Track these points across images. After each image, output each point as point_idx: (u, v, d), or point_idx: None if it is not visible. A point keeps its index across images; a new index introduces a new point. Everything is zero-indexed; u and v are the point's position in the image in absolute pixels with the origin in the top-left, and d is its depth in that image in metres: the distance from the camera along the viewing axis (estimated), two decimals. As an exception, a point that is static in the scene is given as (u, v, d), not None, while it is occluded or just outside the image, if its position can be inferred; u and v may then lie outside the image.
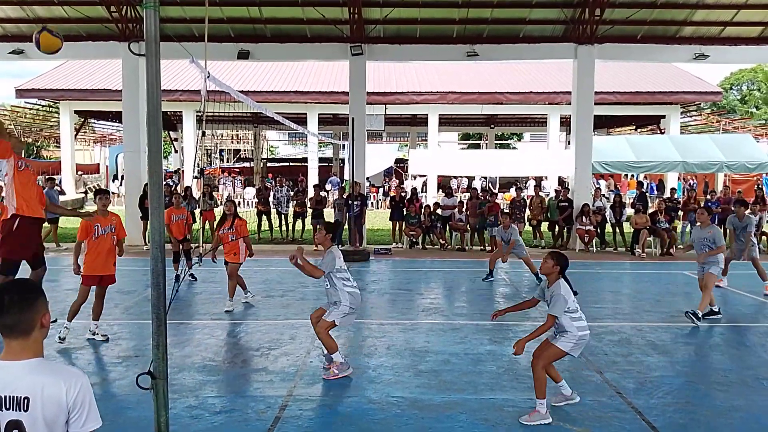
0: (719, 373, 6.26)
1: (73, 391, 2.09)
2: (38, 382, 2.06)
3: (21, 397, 2.04)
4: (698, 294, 10.21)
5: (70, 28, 15.90)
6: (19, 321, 2.10)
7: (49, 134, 38.45)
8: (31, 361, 2.10)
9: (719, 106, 37.50)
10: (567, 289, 5.02)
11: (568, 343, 4.97)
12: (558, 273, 5.07)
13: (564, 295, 4.96)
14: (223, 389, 5.67)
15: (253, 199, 24.68)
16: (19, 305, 2.11)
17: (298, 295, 9.81)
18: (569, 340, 4.96)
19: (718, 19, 15.73)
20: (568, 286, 5.05)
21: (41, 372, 2.08)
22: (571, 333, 4.95)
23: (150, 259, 3.49)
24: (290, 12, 15.46)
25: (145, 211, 14.64)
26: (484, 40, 15.84)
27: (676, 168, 17.79)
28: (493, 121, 37.23)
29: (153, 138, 3.52)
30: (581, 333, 4.98)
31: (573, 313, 4.98)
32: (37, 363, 2.11)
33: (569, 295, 5.00)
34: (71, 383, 2.09)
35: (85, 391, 2.13)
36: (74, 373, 2.15)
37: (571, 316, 4.97)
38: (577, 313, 5.01)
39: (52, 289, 9.73)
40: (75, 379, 2.11)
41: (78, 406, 2.10)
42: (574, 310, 4.99)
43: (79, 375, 2.15)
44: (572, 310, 4.98)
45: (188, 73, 26.05)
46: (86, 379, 2.15)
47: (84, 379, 2.14)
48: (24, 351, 2.10)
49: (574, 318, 4.98)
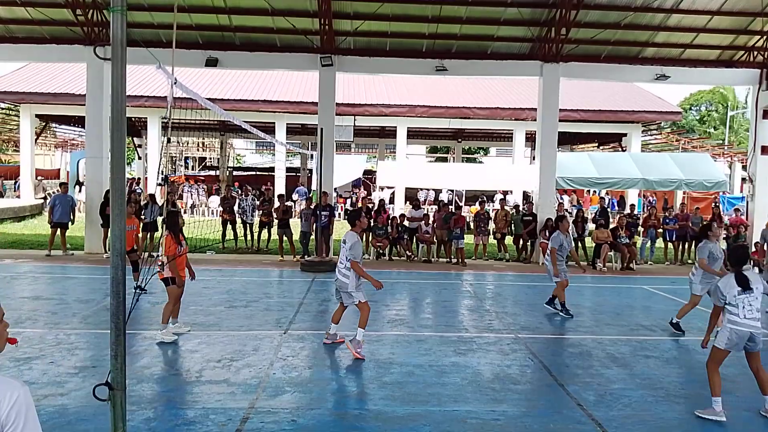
0: (677, 385, 6.41)
1: (8, 402, 1.95)
2: None
3: None
4: (655, 307, 10.51)
5: (33, 29, 15.60)
6: None
7: (8, 137, 37.39)
8: None
9: (679, 126, 38.60)
10: (729, 282, 5.50)
11: (721, 341, 5.51)
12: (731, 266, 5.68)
13: (719, 285, 5.59)
14: (183, 401, 5.56)
15: (217, 207, 24.39)
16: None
17: (261, 305, 9.71)
18: (721, 337, 5.50)
19: (678, 41, 16.28)
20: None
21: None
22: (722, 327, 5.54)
23: (110, 268, 3.42)
24: (260, 21, 15.42)
25: (106, 218, 14.33)
26: (453, 56, 16.06)
27: (637, 185, 18.23)
28: (461, 135, 37.63)
29: (117, 144, 3.46)
30: (731, 326, 5.48)
31: (732, 308, 5.49)
32: None
33: (730, 289, 5.49)
34: (6, 394, 1.96)
35: (21, 403, 1.99)
36: (11, 384, 2.02)
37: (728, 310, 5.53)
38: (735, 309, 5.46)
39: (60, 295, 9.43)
40: (11, 391, 1.98)
41: (12, 419, 1.97)
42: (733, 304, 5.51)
43: (16, 386, 2.01)
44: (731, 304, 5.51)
45: (154, 79, 25.69)
46: (25, 389, 2.02)
47: (21, 390, 2.01)
48: None
49: (731, 312, 5.48)
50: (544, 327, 8.91)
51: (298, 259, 14.57)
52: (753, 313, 5.39)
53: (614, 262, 15.45)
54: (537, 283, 13.07)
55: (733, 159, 33.22)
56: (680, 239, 16.88)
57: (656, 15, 15.45)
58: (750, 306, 5.39)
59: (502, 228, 16.60)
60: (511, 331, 8.56)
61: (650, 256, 16.78)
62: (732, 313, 5.43)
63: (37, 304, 9.34)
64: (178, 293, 7.72)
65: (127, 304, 3.49)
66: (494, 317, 9.42)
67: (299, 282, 12.12)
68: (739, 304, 5.39)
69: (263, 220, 16.31)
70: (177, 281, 7.59)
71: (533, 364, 6.98)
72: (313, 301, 10.15)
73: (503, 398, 5.83)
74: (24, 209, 24.25)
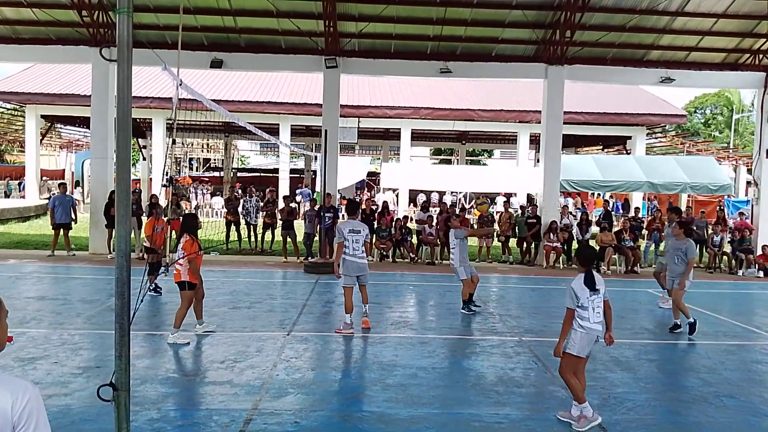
0: (681, 390, 6.38)
1: (20, 403, 1.98)
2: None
3: None
4: (661, 311, 10.48)
5: (39, 31, 15.66)
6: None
7: (13, 138, 37.54)
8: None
9: (684, 129, 38.45)
10: (580, 284, 5.19)
11: (574, 346, 5.15)
12: (580, 265, 5.35)
13: (574, 287, 5.20)
14: (187, 402, 5.57)
15: (221, 208, 24.44)
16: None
17: (265, 306, 9.71)
18: (573, 341, 5.16)
19: (684, 44, 16.26)
20: (590, 280, 5.21)
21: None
22: (574, 330, 5.16)
23: (115, 268, 3.43)
24: (265, 23, 15.46)
25: (111, 219, 14.37)
26: (458, 58, 16.07)
27: (641, 188, 18.19)
28: (465, 138, 37.61)
29: (122, 145, 3.47)
30: (581, 331, 5.16)
31: (582, 310, 5.16)
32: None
33: (582, 291, 5.17)
34: (18, 395, 1.98)
35: (33, 403, 2.01)
36: (22, 384, 2.04)
37: (579, 313, 5.16)
38: (585, 311, 5.16)
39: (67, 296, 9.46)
40: (23, 391, 2.00)
41: (25, 419, 1.99)
42: (584, 306, 5.16)
43: (28, 387, 2.03)
44: (583, 306, 5.15)
45: (159, 80, 25.76)
46: (35, 391, 2.04)
47: (33, 391, 2.03)
48: None
49: (581, 316, 5.16)
50: (548, 330, 8.88)
51: (302, 261, 14.57)
52: (600, 316, 5.22)
53: (618, 265, 15.41)
54: (541, 285, 13.06)
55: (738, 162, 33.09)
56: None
57: (661, 18, 15.44)
58: (598, 308, 5.19)
59: (506, 230, 16.58)
60: (514, 333, 8.54)
61: (655, 259, 16.73)
62: (583, 317, 5.16)
63: (42, 304, 9.37)
64: (191, 297, 7.64)
65: (132, 304, 3.50)
66: (498, 320, 9.41)
67: (303, 283, 12.13)
68: (590, 306, 5.15)
69: (267, 221, 16.32)
70: (191, 285, 7.58)
71: (537, 367, 6.96)
72: (316, 303, 10.15)
73: (507, 401, 5.82)
74: (29, 209, 24.33)
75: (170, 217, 14.30)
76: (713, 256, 16.25)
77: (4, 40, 15.76)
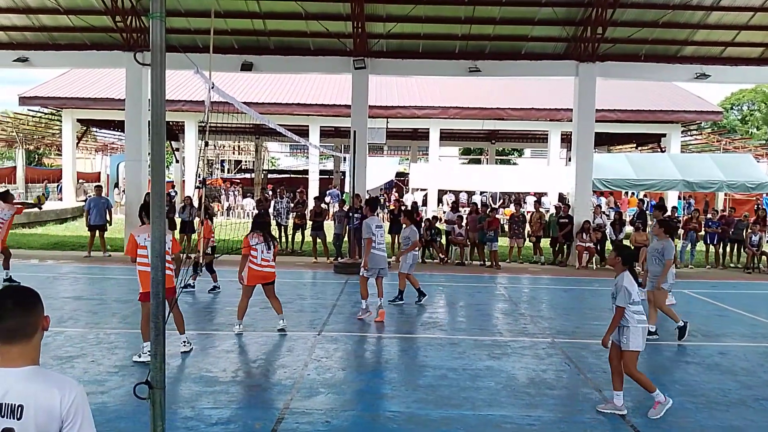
0: (718, 392, 6.23)
1: (67, 400, 2.06)
2: (32, 390, 2.03)
3: (15, 404, 2.02)
4: (696, 312, 10.25)
5: (75, 36, 16.03)
6: (22, 325, 2.09)
7: (51, 142, 38.50)
8: (27, 368, 2.08)
9: (720, 126, 37.61)
10: (631, 280, 5.35)
11: (635, 340, 5.33)
12: (621, 264, 5.46)
13: (627, 286, 5.31)
14: (220, 401, 5.63)
15: (253, 210, 24.69)
16: (22, 309, 2.11)
17: (295, 307, 9.78)
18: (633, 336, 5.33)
19: (719, 39, 15.87)
20: (633, 278, 5.40)
21: (36, 380, 2.06)
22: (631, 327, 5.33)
23: (151, 269, 3.48)
24: (294, 25, 15.56)
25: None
26: (486, 56, 15.94)
27: (677, 186, 17.81)
28: (494, 137, 37.33)
29: (156, 147, 3.52)
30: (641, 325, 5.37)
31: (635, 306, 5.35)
32: (33, 371, 2.09)
33: (633, 286, 5.34)
34: (65, 392, 2.06)
35: (79, 400, 2.09)
36: (69, 382, 2.12)
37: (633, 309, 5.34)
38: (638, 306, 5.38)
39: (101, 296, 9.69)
40: (69, 389, 2.08)
41: (71, 415, 2.07)
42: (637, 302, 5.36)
43: (74, 384, 2.12)
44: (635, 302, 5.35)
45: (191, 84, 26.16)
46: (81, 388, 2.12)
47: (78, 389, 2.11)
48: (22, 357, 2.09)
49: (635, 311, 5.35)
50: (581, 331, 8.77)
51: (332, 261, 14.64)
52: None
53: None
54: (573, 286, 12.88)
55: (776, 160, 32.22)
56: (721, 241, 16.44)
57: (695, 12, 15.10)
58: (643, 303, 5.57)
59: (537, 231, 16.39)
60: (546, 335, 8.45)
61: (691, 260, 16.38)
62: (638, 312, 5.39)
63: (78, 303, 9.59)
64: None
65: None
66: (529, 321, 9.31)
67: (332, 284, 12.18)
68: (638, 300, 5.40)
69: (297, 222, 16.43)
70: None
71: (570, 369, 6.87)
72: (346, 303, 10.18)
73: (539, 403, 5.75)
74: (66, 211, 24.92)
75: (202, 217, 14.51)
76: (751, 256, 15.82)
77: (42, 47, 16.18)
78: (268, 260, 7.82)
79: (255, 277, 7.79)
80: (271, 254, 7.84)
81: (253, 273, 7.75)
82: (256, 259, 7.74)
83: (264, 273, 7.81)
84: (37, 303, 2.17)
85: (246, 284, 7.83)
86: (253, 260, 7.74)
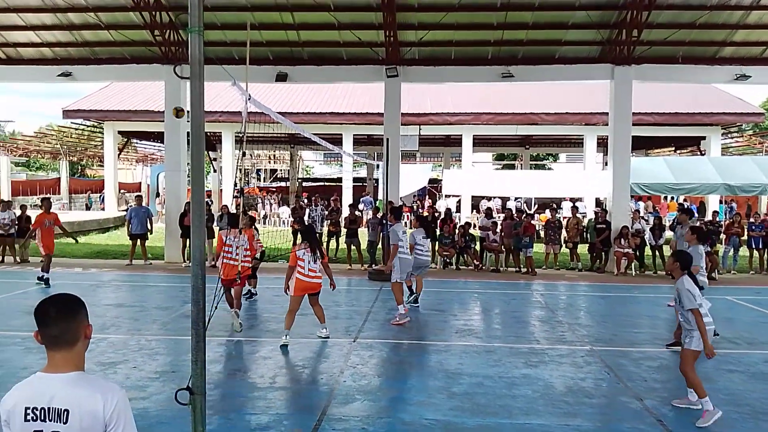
0: (764, 402, 6.04)
1: (110, 405, 2.13)
2: (77, 396, 2.11)
3: (62, 409, 2.10)
4: (739, 318, 9.97)
5: (115, 51, 16.52)
6: (65, 331, 2.17)
7: (93, 153, 39.66)
8: (72, 374, 2.15)
9: (761, 128, 36.52)
10: (691, 283, 5.48)
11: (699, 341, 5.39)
12: (680, 269, 5.60)
13: (689, 289, 5.41)
14: (257, 406, 5.71)
15: (288, 218, 24.96)
16: (65, 316, 2.18)
17: (330, 313, 9.81)
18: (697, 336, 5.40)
19: (759, 39, 15.47)
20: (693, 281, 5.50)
21: (80, 385, 2.14)
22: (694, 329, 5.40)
23: (191, 276, 3.56)
24: (327, 35, 15.74)
25: (185, 228, 14.93)
26: (519, 62, 15.84)
27: (717, 190, 17.36)
28: (528, 142, 37.00)
29: (196, 157, 3.62)
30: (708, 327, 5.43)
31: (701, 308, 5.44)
32: (77, 376, 2.16)
33: (694, 288, 5.43)
34: (108, 397, 2.14)
35: (122, 405, 2.16)
36: (111, 387, 2.19)
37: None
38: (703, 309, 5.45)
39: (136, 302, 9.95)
40: (112, 393, 2.16)
41: (114, 420, 2.14)
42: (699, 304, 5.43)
43: (116, 389, 2.19)
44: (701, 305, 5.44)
45: (228, 95, 26.61)
46: (123, 393, 2.19)
47: (121, 393, 2.18)
48: (66, 363, 2.16)
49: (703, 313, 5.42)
50: (619, 339, 8.62)
51: (366, 268, 14.69)
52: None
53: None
54: (611, 293, 12.66)
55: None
56: (766, 247, 15.95)
57: (734, 13, 14.75)
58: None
59: (574, 237, 16.15)
60: (584, 342, 8.32)
61: (734, 265, 15.93)
62: (705, 314, 5.47)
63: (120, 311, 9.83)
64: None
65: (207, 311, 3.63)
66: (566, 328, 9.19)
67: (367, 291, 12.22)
68: (703, 303, 5.51)
69: (331, 229, 16.55)
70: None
71: (609, 378, 6.76)
72: (380, 310, 10.21)
73: (577, 412, 5.67)
74: (108, 221, 25.58)
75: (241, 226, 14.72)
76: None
77: (84, 61, 16.71)
78: (315, 271, 7.86)
79: (301, 287, 7.81)
80: (317, 265, 7.87)
81: (300, 284, 7.77)
82: (303, 269, 7.77)
83: (311, 284, 7.85)
84: (79, 311, 2.23)
85: (293, 294, 7.86)
86: (301, 271, 7.78)
